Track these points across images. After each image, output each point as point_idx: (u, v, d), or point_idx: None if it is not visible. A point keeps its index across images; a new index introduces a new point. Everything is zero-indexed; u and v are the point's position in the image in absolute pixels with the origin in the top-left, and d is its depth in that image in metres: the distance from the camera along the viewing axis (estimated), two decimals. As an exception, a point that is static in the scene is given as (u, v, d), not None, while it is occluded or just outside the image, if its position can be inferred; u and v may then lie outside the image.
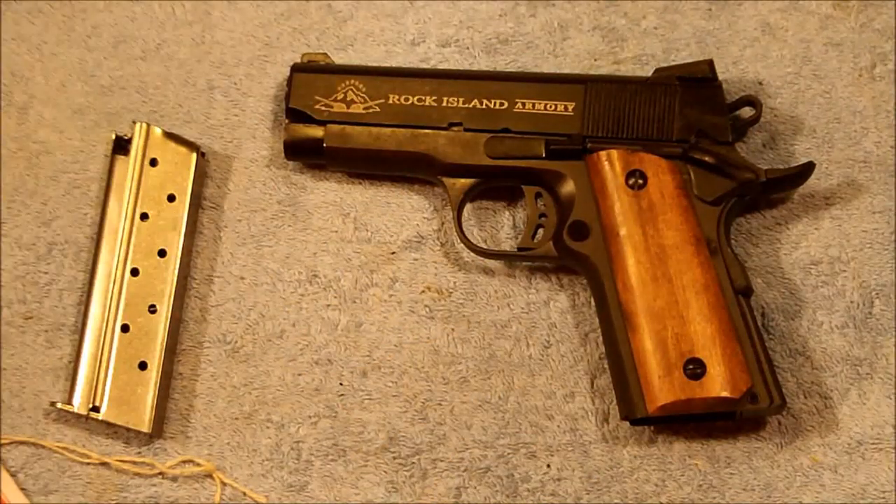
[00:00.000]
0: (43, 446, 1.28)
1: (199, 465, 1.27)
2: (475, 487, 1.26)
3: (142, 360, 1.27)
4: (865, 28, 1.35)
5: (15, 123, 1.36)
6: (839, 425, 1.26)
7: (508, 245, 1.32)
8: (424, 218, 1.33)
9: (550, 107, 1.28)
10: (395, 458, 1.27)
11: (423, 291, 1.31)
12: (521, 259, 1.30)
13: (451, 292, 1.31)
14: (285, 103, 1.31)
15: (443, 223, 1.33)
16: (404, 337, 1.30)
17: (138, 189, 1.30)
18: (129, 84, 1.37)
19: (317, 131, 1.30)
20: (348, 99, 1.30)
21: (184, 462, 1.28)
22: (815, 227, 1.31)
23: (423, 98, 1.29)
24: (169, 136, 1.32)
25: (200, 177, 1.33)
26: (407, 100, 1.29)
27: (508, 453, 1.27)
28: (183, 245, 1.30)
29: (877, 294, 1.29)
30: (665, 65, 1.32)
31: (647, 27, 1.37)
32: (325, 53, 1.34)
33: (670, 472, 1.26)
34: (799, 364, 1.28)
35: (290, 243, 1.33)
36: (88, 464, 1.27)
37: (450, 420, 1.28)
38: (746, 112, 1.30)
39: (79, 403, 1.26)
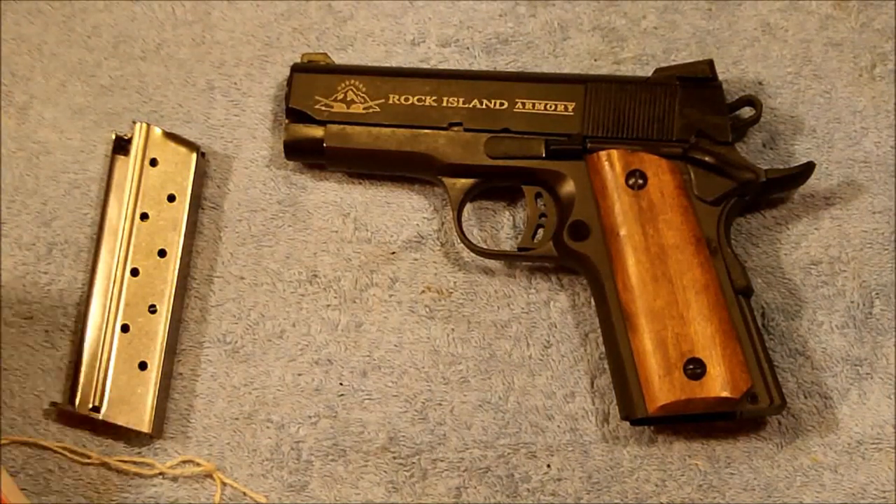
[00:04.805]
0: (43, 446, 1.28)
1: (199, 465, 1.27)
2: (475, 487, 1.26)
3: (142, 360, 1.27)
4: (865, 28, 1.35)
5: (15, 123, 1.36)
6: (839, 425, 1.26)
7: (508, 245, 1.32)
8: (424, 218, 1.33)
9: (550, 107, 1.28)
10: (395, 458, 1.27)
11: (423, 291, 1.31)
12: (521, 259, 1.30)
13: (451, 292, 1.31)
14: (285, 103, 1.31)
15: (443, 223, 1.33)
16: (404, 337, 1.30)
17: (138, 189, 1.30)
18: (129, 84, 1.37)
19: (317, 131, 1.30)
20: (348, 99, 1.30)
21: (184, 462, 1.28)
22: (815, 227, 1.31)
23: (423, 98, 1.29)
24: (169, 136, 1.32)
25: (200, 177, 1.33)
26: (407, 100, 1.29)
27: (508, 453, 1.27)
28: (183, 245, 1.30)
29: (877, 294, 1.29)
30: (665, 65, 1.32)
31: (647, 27, 1.37)
32: (325, 53, 1.34)
33: (670, 472, 1.26)
34: (799, 364, 1.28)
35: (290, 243, 1.33)
36: (88, 464, 1.27)
37: (450, 420, 1.28)
38: (746, 112, 1.30)
39: (79, 403, 1.26)
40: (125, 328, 1.28)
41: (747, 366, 1.20)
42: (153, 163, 1.31)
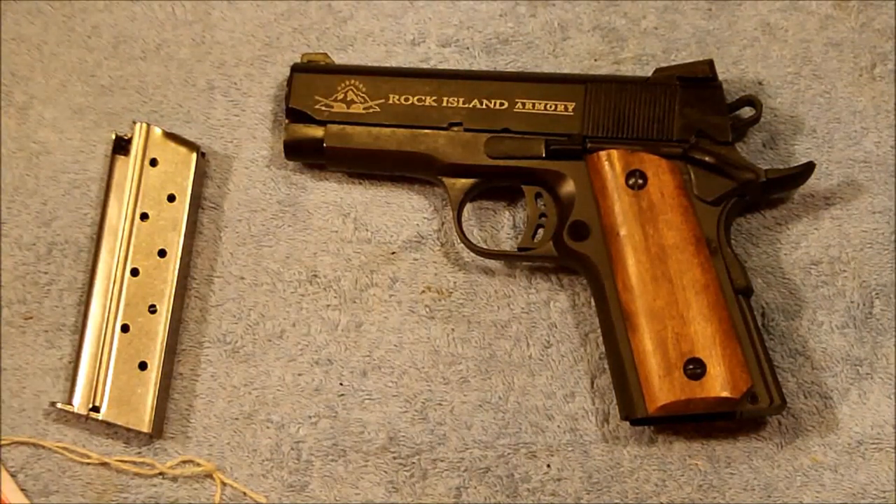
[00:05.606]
0: (43, 446, 1.28)
1: (199, 465, 1.27)
2: (475, 487, 1.26)
3: (142, 360, 1.27)
4: (865, 28, 1.35)
5: (15, 123, 1.36)
6: (839, 425, 1.26)
7: (508, 245, 1.32)
8: (424, 218, 1.33)
9: (550, 107, 1.28)
10: (395, 458, 1.27)
11: (424, 291, 1.31)
12: (521, 259, 1.30)
13: (451, 292, 1.31)
14: (285, 103, 1.31)
15: (443, 223, 1.33)
16: (404, 337, 1.30)
17: (138, 189, 1.30)
18: (129, 84, 1.37)
19: (317, 131, 1.30)
20: (348, 99, 1.30)
21: (184, 462, 1.28)
22: (815, 227, 1.31)
23: (423, 98, 1.29)
24: (169, 136, 1.32)
25: (200, 177, 1.33)
26: (407, 100, 1.29)
27: (508, 453, 1.27)
28: (183, 245, 1.30)
29: (877, 294, 1.29)
30: (665, 65, 1.32)
31: (647, 27, 1.37)
32: (325, 53, 1.34)
33: (670, 472, 1.26)
34: (799, 364, 1.28)
35: (290, 243, 1.33)
36: (88, 464, 1.27)
37: (450, 420, 1.28)
38: (746, 112, 1.30)
39: (79, 403, 1.26)
40: (125, 328, 1.28)
41: (747, 366, 1.20)
42: (153, 163, 1.31)
